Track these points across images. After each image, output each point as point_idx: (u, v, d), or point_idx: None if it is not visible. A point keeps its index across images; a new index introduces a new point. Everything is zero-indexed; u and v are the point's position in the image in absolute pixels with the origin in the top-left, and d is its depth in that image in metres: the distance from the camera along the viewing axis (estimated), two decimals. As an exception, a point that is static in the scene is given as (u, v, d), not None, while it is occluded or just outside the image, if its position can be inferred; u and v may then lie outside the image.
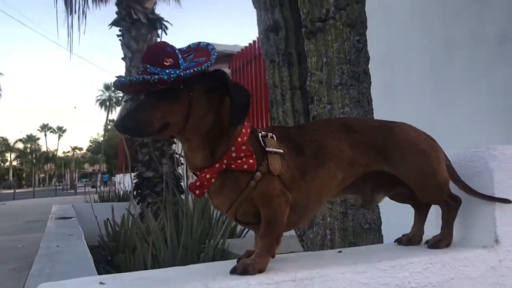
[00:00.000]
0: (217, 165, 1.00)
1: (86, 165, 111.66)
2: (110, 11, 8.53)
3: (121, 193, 12.48)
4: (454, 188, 1.23)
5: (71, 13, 7.98)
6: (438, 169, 1.17)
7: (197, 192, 1.01)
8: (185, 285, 0.91)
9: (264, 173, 1.01)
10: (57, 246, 3.37)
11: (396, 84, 4.51)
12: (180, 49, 1.02)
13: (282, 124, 2.61)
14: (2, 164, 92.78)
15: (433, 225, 1.29)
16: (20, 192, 44.50)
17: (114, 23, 8.52)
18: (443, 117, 3.94)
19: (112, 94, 64.36)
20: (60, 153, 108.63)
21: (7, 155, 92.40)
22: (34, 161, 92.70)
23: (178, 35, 16.46)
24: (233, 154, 0.99)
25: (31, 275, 2.40)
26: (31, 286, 2.04)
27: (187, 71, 0.92)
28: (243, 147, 1.00)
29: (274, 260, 1.06)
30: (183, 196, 6.07)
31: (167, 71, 0.92)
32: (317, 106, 2.31)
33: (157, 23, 8.50)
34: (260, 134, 1.06)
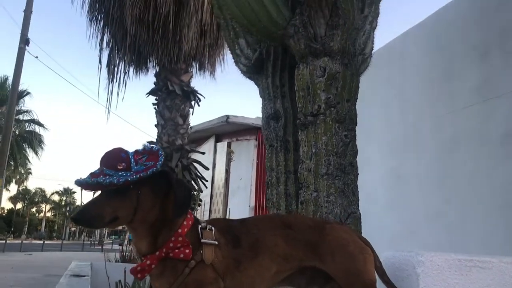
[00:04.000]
0: (157, 253, 1.17)
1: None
2: (151, 79, 9.10)
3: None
4: None
5: (112, 81, 8.59)
6: (365, 270, 1.29)
7: (139, 275, 1.17)
8: None
9: (198, 262, 1.17)
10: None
11: (406, 172, 4.61)
12: (137, 151, 1.22)
13: (275, 206, 2.77)
14: (37, 215, 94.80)
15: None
16: (49, 244, 45.05)
17: (151, 92, 9.07)
18: (449, 208, 3.98)
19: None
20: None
21: (43, 206, 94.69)
22: (67, 214, 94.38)
23: (210, 105, 17.17)
24: (171, 244, 1.16)
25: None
26: None
27: (134, 176, 1.11)
28: (180, 238, 1.16)
29: None
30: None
31: (119, 173, 1.12)
32: (305, 193, 2.47)
33: (191, 95, 8.99)
34: (200, 226, 1.22)
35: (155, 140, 8.82)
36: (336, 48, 2.49)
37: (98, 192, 1.17)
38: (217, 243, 1.20)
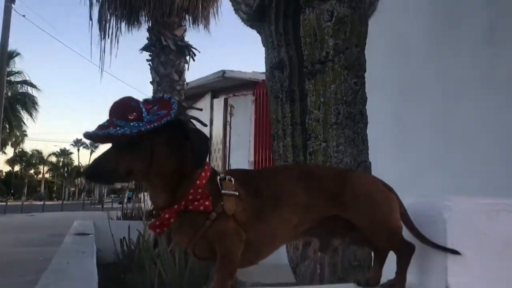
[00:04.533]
0: (175, 206, 1.10)
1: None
2: (143, 35, 8.88)
3: (146, 210, 12.66)
4: (409, 236, 1.29)
5: (104, 37, 8.35)
6: (391, 218, 1.24)
7: (157, 230, 1.12)
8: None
9: (219, 213, 1.11)
10: (67, 263, 3.50)
11: (410, 119, 4.55)
12: (146, 100, 1.14)
13: (282, 158, 2.71)
14: (35, 176, 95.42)
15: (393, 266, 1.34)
16: (49, 205, 45.53)
17: (145, 48, 8.85)
18: (453, 154, 3.96)
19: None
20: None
21: (41, 167, 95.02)
22: (65, 174, 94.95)
23: (205, 61, 16.84)
24: (190, 197, 1.10)
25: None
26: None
27: (148, 126, 1.03)
28: (199, 190, 1.10)
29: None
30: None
31: (131, 124, 1.04)
32: (313, 143, 2.41)
33: (185, 50, 8.79)
34: (219, 177, 1.16)
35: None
36: (343, -10, 2.36)
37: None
38: (237, 194, 1.14)
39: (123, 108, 1.06)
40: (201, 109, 8.95)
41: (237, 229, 1.12)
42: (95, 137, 1.07)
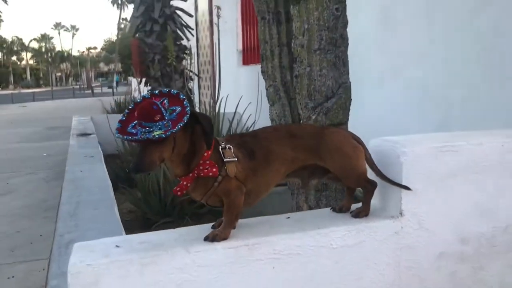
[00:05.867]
0: (190, 175, 1.41)
1: (101, 64, 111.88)
2: None
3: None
4: (374, 175, 1.62)
5: None
6: (357, 165, 1.56)
7: (179, 193, 1.44)
8: (170, 250, 1.37)
9: (224, 176, 1.42)
10: (81, 171, 3.89)
11: (394, 12, 4.66)
12: (154, 94, 1.37)
13: (271, 78, 2.94)
14: (19, 63, 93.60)
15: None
16: (39, 92, 45.37)
17: None
18: (436, 51, 4.17)
19: (124, -8, 62.27)
20: (75, 53, 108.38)
21: (23, 54, 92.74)
22: (49, 60, 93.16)
23: None
24: (201, 167, 1.40)
25: (62, 204, 2.93)
26: (63, 219, 2.57)
27: (177, 128, 1.28)
28: (207, 161, 1.40)
29: (240, 226, 1.52)
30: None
31: (157, 124, 1.29)
32: (299, 67, 2.63)
33: None
34: (220, 147, 1.44)
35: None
36: None
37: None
38: (236, 159, 1.43)
39: (148, 113, 1.30)
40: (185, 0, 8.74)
41: (238, 185, 1.44)
42: (134, 141, 1.34)
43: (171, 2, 8.46)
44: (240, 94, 6.77)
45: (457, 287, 1.68)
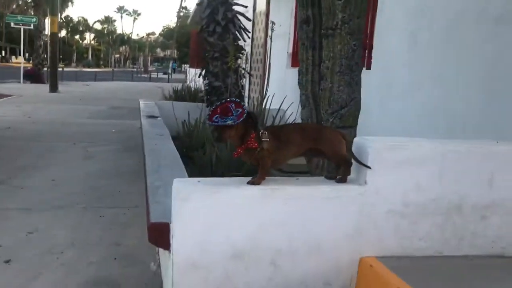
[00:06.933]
0: (243, 146, 2.49)
1: (158, 50, 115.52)
2: None
3: (192, 90, 14.04)
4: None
5: None
6: (341, 151, 2.58)
7: (235, 155, 2.51)
8: (228, 186, 2.47)
9: (260, 148, 2.49)
10: (155, 144, 5.09)
11: (423, 35, 5.54)
12: (228, 100, 2.44)
13: (304, 89, 4.00)
14: (81, 42, 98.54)
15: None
16: (99, 72, 47.90)
17: None
18: (448, 70, 5.04)
19: (186, -18, 64.22)
20: (134, 36, 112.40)
21: (87, 34, 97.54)
22: (110, 41, 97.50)
23: None
24: (249, 142, 2.47)
25: (147, 165, 4.11)
26: (151, 174, 3.73)
27: (240, 119, 2.34)
28: (253, 140, 2.47)
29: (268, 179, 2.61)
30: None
31: (230, 117, 2.36)
32: (324, 83, 3.67)
33: None
34: (260, 132, 2.51)
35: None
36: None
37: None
38: (268, 140, 2.51)
39: (225, 110, 2.39)
40: (246, 6, 9.84)
41: (268, 155, 2.51)
42: (216, 125, 2.42)
43: (233, 7, 9.60)
44: (285, 93, 7.80)
45: (398, 233, 2.70)
